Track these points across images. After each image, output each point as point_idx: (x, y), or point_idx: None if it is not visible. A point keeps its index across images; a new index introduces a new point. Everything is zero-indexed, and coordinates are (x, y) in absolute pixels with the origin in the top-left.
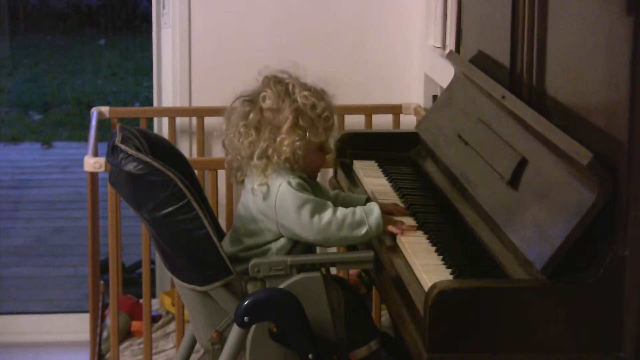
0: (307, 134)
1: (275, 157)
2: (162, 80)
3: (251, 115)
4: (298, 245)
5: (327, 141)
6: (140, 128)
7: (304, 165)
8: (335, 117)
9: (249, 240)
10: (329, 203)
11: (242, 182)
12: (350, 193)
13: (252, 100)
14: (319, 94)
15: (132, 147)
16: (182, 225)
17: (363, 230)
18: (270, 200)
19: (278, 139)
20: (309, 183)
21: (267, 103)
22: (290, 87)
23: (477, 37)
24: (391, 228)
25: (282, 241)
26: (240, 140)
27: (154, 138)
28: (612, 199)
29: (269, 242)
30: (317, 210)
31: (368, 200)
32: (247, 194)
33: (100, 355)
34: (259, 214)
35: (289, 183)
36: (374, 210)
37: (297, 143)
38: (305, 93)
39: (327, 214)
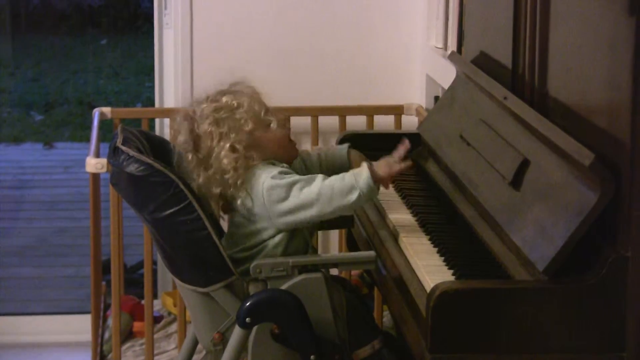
0: (234, 133)
1: (226, 175)
2: (163, 81)
3: (190, 158)
4: (294, 239)
5: (260, 117)
6: (142, 129)
7: (267, 151)
8: (252, 97)
9: (245, 241)
10: (318, 175)
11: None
12: (331, 147)
13: (184, 147)
14: (220, 93)
15: (134, 148)
16: (184, 227)
17: (354, 195)
18: (259, 200)
19: (214, 158)
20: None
21: (188, 141)
22: (190, 112)
23: (479, 38)
24: (384, 183)
25: (277, 237)
26: (197, 185)
27: (155, 139)
28: (614, 200)
29: (265, 241)
30: (305, 184)
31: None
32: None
33: (102, 356)
34: (252, 216)
35: (271, 177)
36: (363, 173)
37: (230, 146)
38: (199, 107)
39: (315, 185)
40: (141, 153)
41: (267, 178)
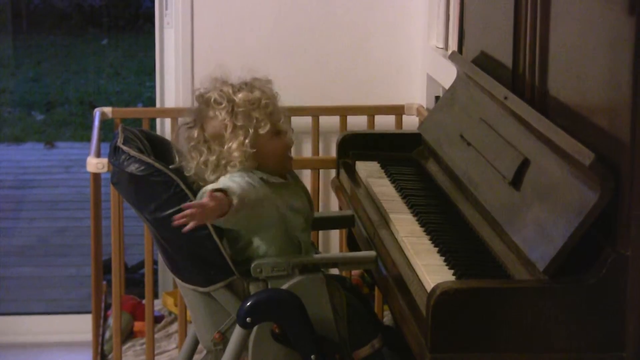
0: (251, 129)
1: (229, 167)
2: (164, 81)
3: (195, 135)
4: (278, 240)
5: (277, 124)
6: (143, 129)
7: (265, 159)
8: (274, 99)
9: (235, 241)
10: (234, 189)
11: None
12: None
13: (190, 122)
14: (248, 87)
15: (134, 148)
16: (184, 226)
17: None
18: None
19: (225, 147)
20: (271, 185)
21: (200, 120)
22: (216, 94)
23: (480, 38)
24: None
25: (256, 240)
26: (196, 163)
27: (156, 139)
28: (614, 199)
29: (246, 241)
30: (227, 179)
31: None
32: None
33: (102, 355)
34: None
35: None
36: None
37: (246, 141)
38: (231, 91)
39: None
40: (142, 153)
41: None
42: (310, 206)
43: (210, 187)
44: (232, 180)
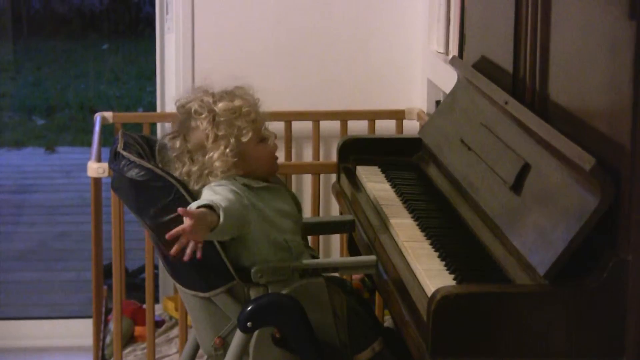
0: (232, 138)
1: (211, 177)
2: (165, 85)
3: (177, 145)
4: (263, 247)
5: (260, 131)
6: (143, 134)
7: (250, 166)
8: (256, 107)
9: (227, 254)
10: (219, 203)
11: None
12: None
13: (173, 132)
14: (230, 95)
15: (134, 153)
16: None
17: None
18: None
19: (207, 157)
20: (255, 189)
21: (182, 130)
22: (197, 104)
23: (480, 42)
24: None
25: (245, 247)
26: (179, 173)
27: (156, 144)
28: (615, 204)
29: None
30: (210, 192)
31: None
32: None
33: None
34: None
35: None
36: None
37: (227, 151)
38: (212, 101)
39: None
40: (142, 158)
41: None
42: (298, 209)
43: (195, 204)
44: (215, 193)
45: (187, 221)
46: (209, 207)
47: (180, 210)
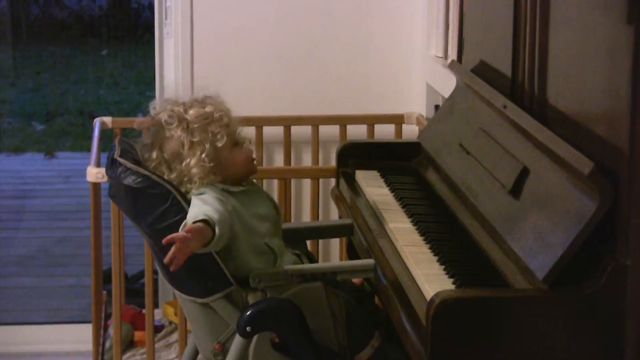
0: (207, 144)
1: (189, 184)
2: (164, 90)
3: (154, 156)
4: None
5: (234, 135)
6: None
7: (228, 171)
8: (228, 112)
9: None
10: (213, 216)
11: None
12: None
13: (148, 144)
14: (200, 102)
15: (131, 160)
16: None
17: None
18: None
19: (184, 164)
20: (234, 194)
21: (156, 141)
22: (167, 114)
23: (479, 47)
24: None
25: (225, 254)
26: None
27: None
28: (614, 208)
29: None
30: (200, 202)
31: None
32: None
33: None
34: None
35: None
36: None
37: (203, 156)
38: (183, 109)
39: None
40: (139, 165)
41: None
42: (276, 211)
43: (190, 218)
44: (205, 202)
45: (185, 234)
46: (204, 221)
47: (175, 236)
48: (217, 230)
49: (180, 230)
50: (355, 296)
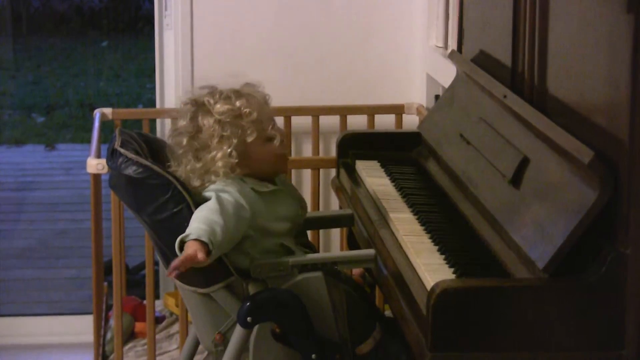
0: (235, 139)
1: (213, 176)
2: (164, 82)
3: (184, 142)
4: (260, 242)
5: (265, 131)
6: (140, 131)
7: (255, 166)
8: (259, 106)
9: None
10: (211, 239)
11: None
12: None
13: (180, 129)
14: (233, 96)
15: (132, 150)
16: (183, 229)
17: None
18: None
19: (209, 156)
20: (262, 193)
21: (189, 128)
22: (200, 105)
23: (479, 37)
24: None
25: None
26: (183, 169)
27: (153, 141)
28: (614, 197)
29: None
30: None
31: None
32: None
33: (104, 356)
34: None
35: (216, 190)
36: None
37: (228, 150)
38: (213, 100)
39: (206, 206)
40: (139, 155)
41: (214, 188)
42: (303, 212)
43: (192, 236)
44: (218, 212)
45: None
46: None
47: (169, 274)
48: (213, 252)
49: (177, 243)
50: (354, 288)
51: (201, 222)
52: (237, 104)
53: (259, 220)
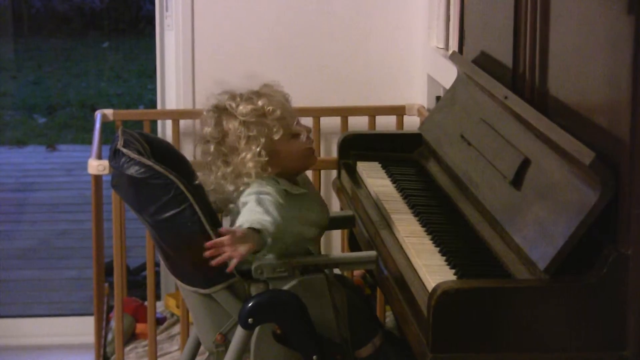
0: (263, 138)
1: (245, 178)
2: (165, 83)
3: (211, 149)
4: (288, 245)
5: (291, 128)
6: (142, 132)
7: (285, 163)
8: (281, 104)
9: None
10: (268, 227)
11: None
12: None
13: (206, 136)
14: (254, 96)
15: (134, 151)
16: (184, 228)
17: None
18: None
19: (239, 158)
20: (295, 196)
21: (214, 134)
22: (223, 109)
23: (480, 38)
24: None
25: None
26: (214, 177)
27: (155, 141)
28: (615, 198)
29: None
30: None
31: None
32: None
33: (105, 357)
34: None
35: (255, 193)
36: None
37: (257, 150)
38: (234, 103)
39: (248, 209)
40: (142, 155)
41: (252, 191)
42: (327, 215)
43: (247, 223)
44: (266, 212)
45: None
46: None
47: (222, 229)
48: (268, 242)
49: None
50: (356, 294)
51: (249, 219)
52: (260, 103)
53: (294, 224)
